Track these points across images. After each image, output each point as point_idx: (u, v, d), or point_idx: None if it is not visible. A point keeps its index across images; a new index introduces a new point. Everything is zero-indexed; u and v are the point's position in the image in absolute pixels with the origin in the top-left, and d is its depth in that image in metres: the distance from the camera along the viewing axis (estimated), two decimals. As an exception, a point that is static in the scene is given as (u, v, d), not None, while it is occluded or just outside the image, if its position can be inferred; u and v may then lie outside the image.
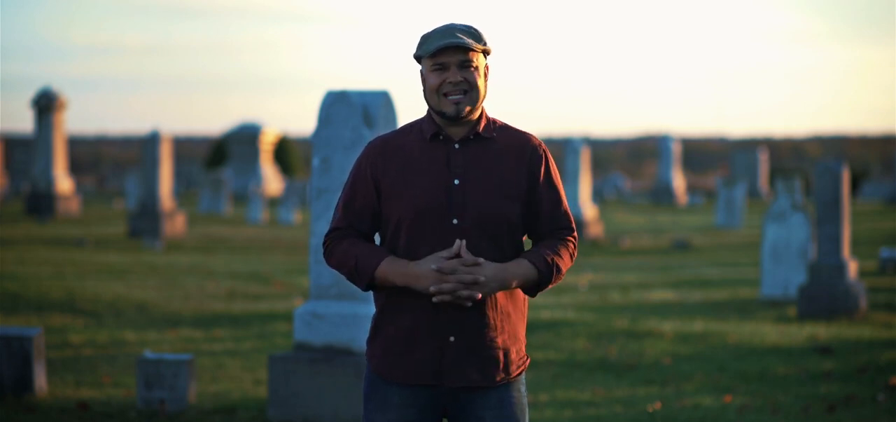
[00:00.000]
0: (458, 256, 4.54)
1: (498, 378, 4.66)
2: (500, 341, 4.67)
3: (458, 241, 4.56)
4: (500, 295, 4.64)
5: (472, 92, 4.62)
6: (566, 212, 4.75)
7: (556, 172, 4.76)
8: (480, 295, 4.55)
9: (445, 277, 4.52)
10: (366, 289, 4.66)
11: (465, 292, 4.53)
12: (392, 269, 4.59)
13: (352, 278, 4.66)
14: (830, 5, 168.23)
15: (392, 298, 4.66)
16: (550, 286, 4.70)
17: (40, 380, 9.97)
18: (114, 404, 9.89)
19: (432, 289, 4.52)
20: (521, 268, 4.62)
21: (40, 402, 9.81)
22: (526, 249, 4.75)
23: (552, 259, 4.66)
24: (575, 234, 4.77)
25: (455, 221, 4.60)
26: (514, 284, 4.61)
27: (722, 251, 26.20)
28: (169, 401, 9.52)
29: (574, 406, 10.21)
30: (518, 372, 4.71)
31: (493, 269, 4.57)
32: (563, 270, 4.69)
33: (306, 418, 9.26)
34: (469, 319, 4.61)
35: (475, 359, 4.63)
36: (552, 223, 4.72)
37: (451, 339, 4.62)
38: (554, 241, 4.71)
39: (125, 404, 9.87)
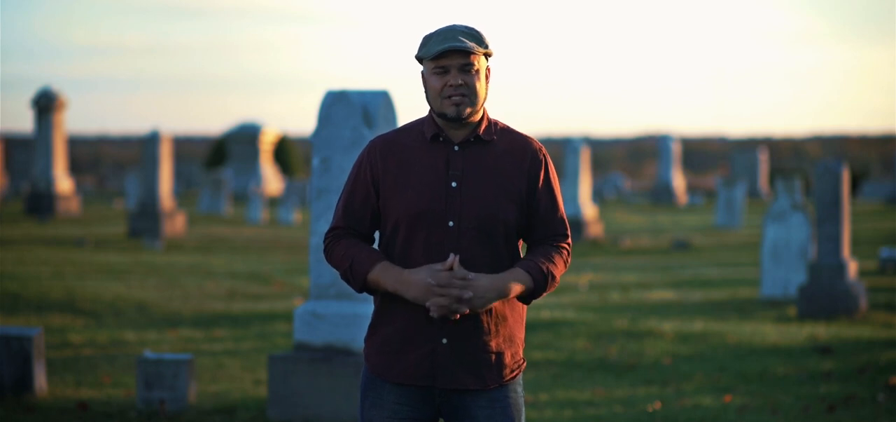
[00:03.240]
0: (451, 268, 4.55)
1: (489, 382, 4.67)
2: (493, 344, 4.67)
3: (451, 255, 4.56)
4: (495, 299, 4.65)
5: (472, 95, 4.63)
6: (562, 218, 4.75)
7: (556, 177, 4.76)
8: (470, 309, 4.55)
9: (437, 290, 4.53)
10: (359, 291, 4.69)
11: (455, 306, 4.54)
12: (385, 275, 4.61)
13: (346, 280, 4.69)
14: (831, 5, 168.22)
15: (388, 299, 4.68)
16: (544, 294, 4.71)
17: (40, 380, 9.97)
18: (114, 404, 9.89)
19: (429, 304, 4.54)
20: (516, 278, 4.62)
21: (40, 402, 9.81)
22: (522, 253, 4.75)
23: (547, 267, 4.66)
24: (570, 240, 4.78)
25: (451, 223, 4.60)
26: (512, 294, 4.62)
27: (722, 251, 26.20)
28: (169, 401, 9.52)
29: (574, 406, 10.21)
30: (512, 376, 4.71)
31: (488, 281, 4.57)
32: (557, 277, 4.71)
33: (306, 418, 9.27)
34: (462, 321, 4.62)
35: (467, 362, 4.64)
36: (548, 228, 4.73)
37: (444, 341, 4.63)
38: (548, 247, 4.72)
39: (125, 404, 9.87)
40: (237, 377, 11.25)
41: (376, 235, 4.81)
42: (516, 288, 4.62)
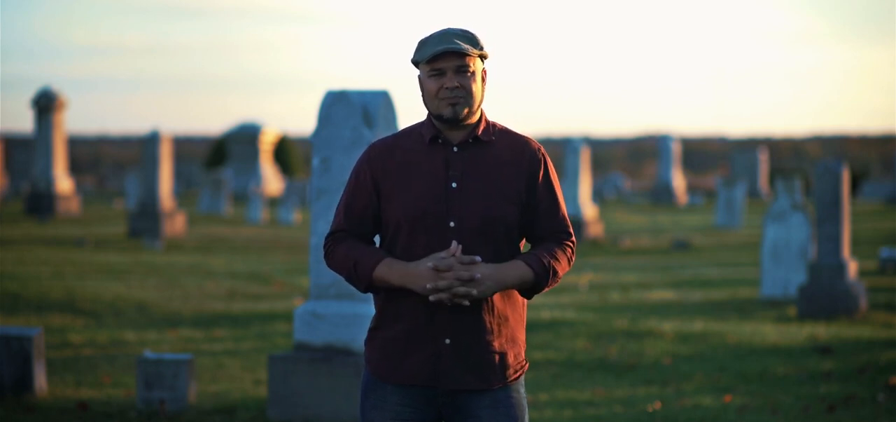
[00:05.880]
0: (454, 256, 4.56)
1: (493, 382, 4.67)
2: (496, 344, 4.67)
3: (454, 242, 4.57)
4: (497, 298, 4.65)
5: (468, 96, 4.64)
6: (564, 217, 4.76)
7: (555, 176, 4.77)
8: (476, 293, 4.55)
9: (442, 275, 4.53)
10: (365, 291, 4.68)
11: (461, 290, 4.54)
12: (390, 270, 4.61)
13: (351, 281, 4.68)
14: (831, 5, 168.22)
15: (390, 301, 4.68)
16: (546, 289, 4.71)
17: (40, 380, 9.98)
18: (114, 404, 9.89)
19: (429, 287, 4.53)
20: (517, 269, 4.63)
21: (40, 402, 9.81)
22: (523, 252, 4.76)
23: (548, 262, 4.67)
24: (573, 239, 4.78)
25: (452, 224, 4.61)
26: (510, 285, 4.62)
27: (722, 251, 26.20)
28: (169, 401, 9.52)
29: (574, 406, 10.21)
30: (515, 376, 4.72)
31: (489, 269, 4.58)
32: (560, 273, 4.71)
33: (306, 418, 9.27)
34: (465, 322, 4.62)
35: (470, 362, 4.65)
36: (550, 227, 4.73)
37: (447, 341, 4.63)
38: (551, 244, 4.72)
39: (125, 404, 9.87)
40: (237, 377, 11.26)
41: (377, 238, 4.81)
42: (517, 277, 4.62)
